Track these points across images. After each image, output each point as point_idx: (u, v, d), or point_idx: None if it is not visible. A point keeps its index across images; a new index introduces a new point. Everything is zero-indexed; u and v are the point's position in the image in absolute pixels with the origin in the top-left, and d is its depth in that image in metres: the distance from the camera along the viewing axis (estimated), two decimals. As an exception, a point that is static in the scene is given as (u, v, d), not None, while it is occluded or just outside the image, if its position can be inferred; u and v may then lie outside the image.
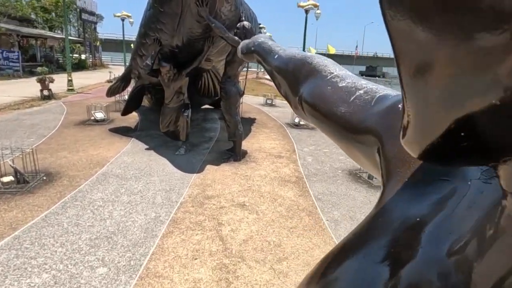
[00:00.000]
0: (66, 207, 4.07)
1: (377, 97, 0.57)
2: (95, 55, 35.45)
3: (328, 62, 0.73)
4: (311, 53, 0.81)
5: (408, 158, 0.43)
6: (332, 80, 0.67)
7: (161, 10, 5.41)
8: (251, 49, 0.93)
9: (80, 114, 9.48)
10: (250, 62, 1.13)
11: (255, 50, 0.92)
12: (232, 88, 6.09)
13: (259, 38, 0.94)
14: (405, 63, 0.24)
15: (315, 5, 20.01)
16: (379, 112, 0.52)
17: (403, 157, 0.44)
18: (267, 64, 0.87)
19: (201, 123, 9.24)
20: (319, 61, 0.73)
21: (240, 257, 3.27)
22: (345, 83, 0.64)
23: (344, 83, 0.65)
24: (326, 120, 0.63)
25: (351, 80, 0.65)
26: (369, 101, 0.57)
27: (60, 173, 5.15)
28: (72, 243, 3.34)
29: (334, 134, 0.62)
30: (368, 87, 0.61)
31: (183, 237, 3.57)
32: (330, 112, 0.62)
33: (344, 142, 0.59)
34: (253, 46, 0.93)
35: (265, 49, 0.89)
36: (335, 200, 4.68)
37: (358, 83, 0.63)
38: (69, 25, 36.26)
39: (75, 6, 32.55)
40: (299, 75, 0.75)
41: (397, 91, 0.61)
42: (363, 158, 0.56)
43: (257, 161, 6.23)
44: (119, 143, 6.91)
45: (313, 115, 0.68)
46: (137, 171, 5.41)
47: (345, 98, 0.61)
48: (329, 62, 0.73)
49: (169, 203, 4.33)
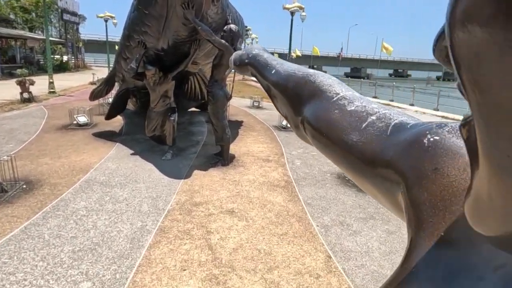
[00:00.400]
0: (48, 218, 3.91)
1: (393, 125, 0.51)
2: (78, 56, 34.73)
3: (333, 81, 0.67)
4: (313, 70, 0.74)
5: (443, 205, 0.37)
6: (339, 102, 0.61)
7: (145, 12, 5.29)
8: (244, 61, 0.86)
9: (62, 118, 9.21)
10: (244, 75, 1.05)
11: (250, 62, 0.85)
12: (219, 92, 6.00)
13: (253, 50, 0.87)
14: (492, 115, 0.17)
15: (300, 7, 20.14)
16: (400, 145, 0.46)
17: (437, 204, 0.38)
18: (263, 78, 0.81)
19: (188, 126, 9.11)
20: (323, 80, 0.67)
21: (230, 267, 3.19)
22: (354, 107, 0.58)
23: (353, 106, 0.58)
24: (335, 147, 0.57)
25: (360, 103, 0.59)
26: (383, 129, 0.51)
27: (41, 181, 4.95)
28: (54, 256, 3.19)
29: (345, 164, 0.55)
30: (380, 112, 0.55)
31: (171, 247, 3.46)
32: (339, 139, 0.55)
33: (357, 174, 0.53)
34: (247, 59, 0.86)
35: (260, 62, 0.82)
36: (325, 205, 4.65)
37: (369, 107, 0.57)
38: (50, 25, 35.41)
39: (56, 7, 31.81)
40: (301, 94, 0.68)
41: (412, 117, 0.55)
42: (380, 195, 0.50)
43: (245, 166, 6.16)
44: (103, 148, 6.72)
45: (318, 140, 0.61)
46: (122, 177, 5.26)
47: (356, 125, 0.55)
48: (334, 81, 0.67)
49: (156, 211, 4.21)
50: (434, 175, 0.39)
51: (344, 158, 0.55)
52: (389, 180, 0.45)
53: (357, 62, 74.13)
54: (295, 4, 19.96)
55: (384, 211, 4.42)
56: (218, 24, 5.88)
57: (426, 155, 0.41)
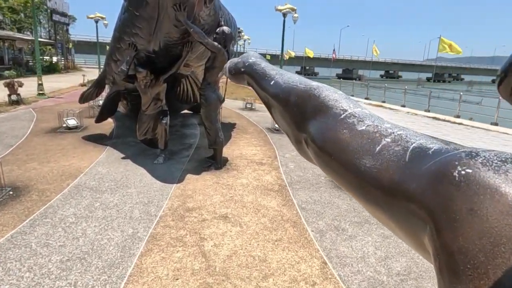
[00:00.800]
0: (35, 226, 3.78)
1: (412, 150, 0.44)
2: (68, 58, 34.27)
3: (339, 95, 0.61)
4: (316, 83, 0.68)
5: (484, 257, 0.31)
6: (347, 121, 0.54)
7: (136, 14, 5.18)
8: (240, 70, 0.79)
9: (51, 121, 9.03)
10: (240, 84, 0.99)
11: (246, 71, 0.78)
12: (212, 95, 5.92)
13: (250, 58, 0.80)
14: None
15: (292, 8, 20.20)
16: (424, 176, 0.40)
17: (476, 255, 0.32)
18: (261, 89, 0.74)
19: (180, 129, 9.00)
20: (328, 95, 0.61)
21: (224, 275, 3.11)
22: (364, 126, 0.52)
23: (364, 125, 0.52)
24: (344, 171, 0.50)
25: (371, 122, 0.52)
26: (401, 154, 0.45)
27: (28, 187, 4.81)
28: (41, 266, 3.08)
29: (357, 192, 0.49)
30: (395, 133, 0.49)
31: (163, 255, 3.37)
32: (349, 163, 0.49)
33: (371, 204, 0.47)
34: (243, 67, 0.79)
35: (257, 71, 0.76)
36: (319, 209, 4.60)
37: (381, 126, 0.51)
38: (39, 26, 34.90)
39: (45, 7, 31.36)
40: (304, 109, 0.62)
41: (430, 138, 0.49)
42: (401, 231, 0.44)
43: (238, 169, 6.09)
44: (93, 152, 6.59)
45: (325, 163, 0.55)
46: (113, 182, 5.15)
47: (368, 148, 0.48)
48: (340, 96, 0.61)
49: (147, 217, 4.11)
50: (470, 218, 0.33)
51: (356, 185, 0.49)
52: (411, 216, 0.39)
53: (349, 63, 74.60)
54: (287, 5, 20.00)
55: (379, 215, 4.38)
56: (211, 26, 5.80)
57: (458, 192, 0.35)
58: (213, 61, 5.79)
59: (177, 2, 4.86)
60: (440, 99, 20.32)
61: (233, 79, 0.83)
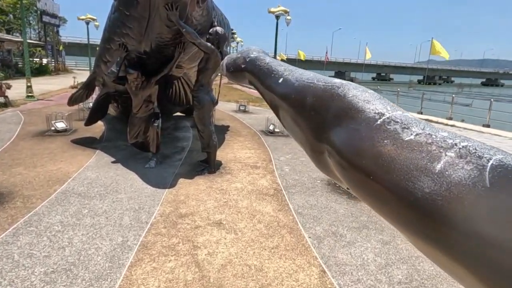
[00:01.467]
0: (18, 235, 3.58)
1: (492, 170, 0.31)
2: (58, 59, 33.76)
3: (370, 95, 0.47)
4: (339, 80, 0.53)
5: None
6: (387, 127, 0.40)
7: (127, 14, 5.01)
8: (241, 66, 0.65)
9: (39, 123, 8.78)
10: (240, 85, 0.83)
11: (247, 68, 0.64)
12: (206, 97, 5.77)
13: (251, 53, 0.66)
14: None
15: (285, 11, 20.17)
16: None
17: None
18: (266, 89, 0.60)
19: (173, 132, 8.82)
20: (357, 94, 0.46)
21: (219, 286, 2.96)
22: (413, 136, 0.38)
23: (411, 134, 0.38)
24: (390, 197, 0.37)
25: (421, 130, 0.38)
26: (476, 175, 0.31)
27: (13, 193, 4.60)
28: (24, 279, 2.89)
29: (408, 226, 0.36)
30: (458, 144, 0.35)
31: (154, 265, 3.21)
32: (398, 187, 0.35)
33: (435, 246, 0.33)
34: (244, 63, 0.65)
35: (261, 68, 0.62)
36: (316, 214, 4.48)
37: (437, 136, 0.37)
38: (29, 27, 34.38)
39: (35, 8, 30.89)
40: (325, 113, 0.48)
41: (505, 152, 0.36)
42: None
43: (232, 173, 5.94)
44: (82, 156, 6.38)
45: (359, 182, 0.41)
46: (102, 188, 4.96)
47: (424, 165, 0.34)
48: (372, 96, 0.46)
49: (138, 225, 3.94)
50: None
51: (409, 218, 0.35)
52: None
53: (341, 66, 74.96)
54: (280, 7, 19.97)
55: (378, 220, 4.28)
56: (204, 27, 5.66)
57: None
58: (206, 63, 5.64)
59: (169, 2, 4.71)
60: (432, 101, 20.43)
61: (232, 78, 0.69)
